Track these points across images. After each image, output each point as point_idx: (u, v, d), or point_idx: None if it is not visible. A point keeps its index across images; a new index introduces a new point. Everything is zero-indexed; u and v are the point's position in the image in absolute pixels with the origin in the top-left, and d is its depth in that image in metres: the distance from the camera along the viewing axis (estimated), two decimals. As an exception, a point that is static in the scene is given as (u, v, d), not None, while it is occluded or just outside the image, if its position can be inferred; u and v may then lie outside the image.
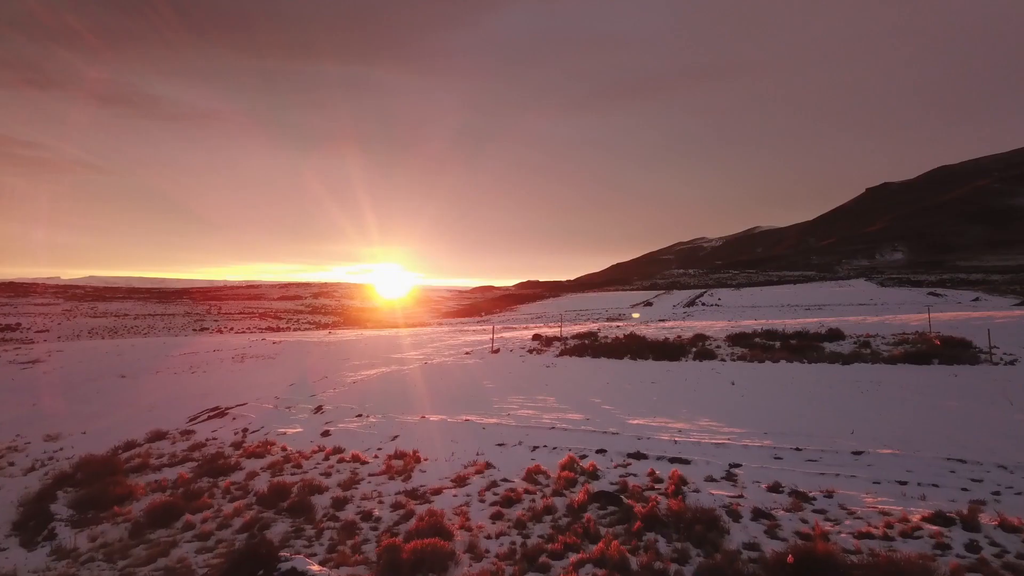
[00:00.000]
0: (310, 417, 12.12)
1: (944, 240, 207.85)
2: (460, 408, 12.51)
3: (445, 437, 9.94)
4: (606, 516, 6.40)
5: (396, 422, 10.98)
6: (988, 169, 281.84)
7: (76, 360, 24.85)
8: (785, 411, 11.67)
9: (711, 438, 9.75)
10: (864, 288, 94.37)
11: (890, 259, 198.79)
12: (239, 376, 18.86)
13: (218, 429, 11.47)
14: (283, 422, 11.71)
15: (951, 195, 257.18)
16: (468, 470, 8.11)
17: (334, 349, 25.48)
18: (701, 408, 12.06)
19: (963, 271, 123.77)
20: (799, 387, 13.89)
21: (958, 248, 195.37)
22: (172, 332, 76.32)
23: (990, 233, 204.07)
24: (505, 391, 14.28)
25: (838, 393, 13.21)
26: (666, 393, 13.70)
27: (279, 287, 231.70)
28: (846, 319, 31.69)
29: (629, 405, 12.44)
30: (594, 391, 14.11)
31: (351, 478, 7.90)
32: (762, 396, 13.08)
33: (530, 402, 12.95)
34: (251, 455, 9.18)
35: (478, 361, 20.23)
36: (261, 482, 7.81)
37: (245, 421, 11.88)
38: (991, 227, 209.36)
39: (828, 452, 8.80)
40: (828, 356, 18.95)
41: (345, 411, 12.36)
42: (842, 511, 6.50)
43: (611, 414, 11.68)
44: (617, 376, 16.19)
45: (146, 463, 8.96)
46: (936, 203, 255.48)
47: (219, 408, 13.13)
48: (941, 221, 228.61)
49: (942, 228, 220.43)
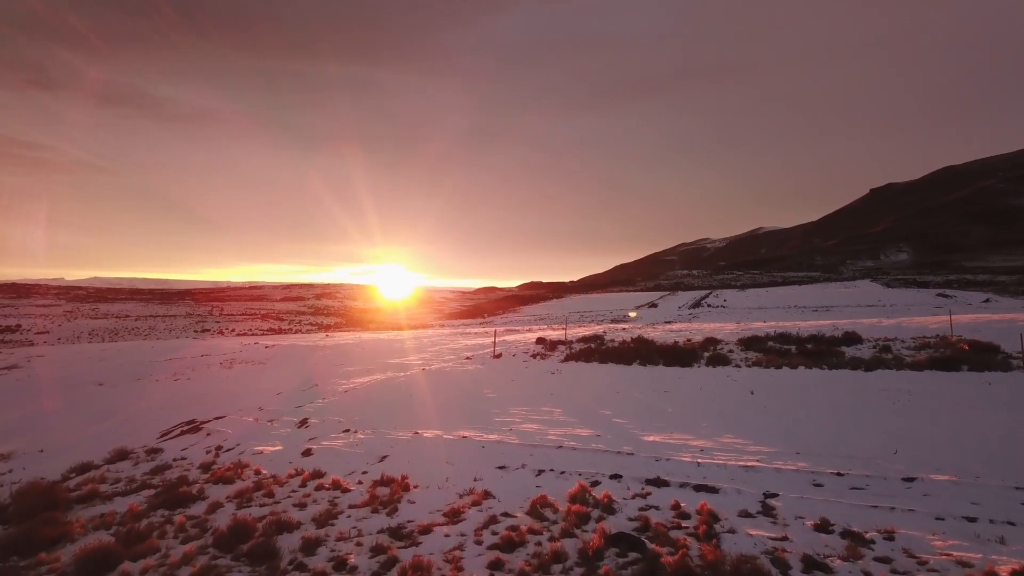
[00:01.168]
0: (293, 432, 11.05)
1: (949, 241, 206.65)
2: (458, 421, 11.47)
3: (439, 457, 8.87)
4: (627, 566, 5.32)
5: (386, 439, 9.91)
6: (993, 169, 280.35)
7: (56, 365, 23.82)
8: (813, 425, 10.59)
9: (738, 459, 8.67)
10: (870, 289, 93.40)
11: (895, 260, 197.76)
12: (225, 384, 17.82)
13: (189, 447, 10.40)
14: (262, 438, 10.63)
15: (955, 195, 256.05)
16: (464, 500, 7.04)
17: (329, 354, 24.45)
18: (721, 422, 10.99)
19: (969, 272, 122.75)
20: (823, 397, 12.81)
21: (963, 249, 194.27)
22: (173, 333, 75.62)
23: (995, 233, 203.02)
24: (507, 401, 13.23)
25: (867, 404, 12.12)
26: (681, 404, 12.63)
27: (282, 288, 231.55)
28: (859, 321, 30.61)
29: (642, 418, 11.38)
30: (603, 401, 13.04)
31: (328, 511, 6.82)
32: (785, 407, 12.00)
33: (534, 414, 11.89)
34: (219, 480, 8.11)
35: (479, 367, 19.18)
36: (224, 516, 6.74)
37: (221, 437, 10.80)
38: (996, 227, 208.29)
39: (875, 478, 7.71)
40: (849, 362, 17.83)
41: (332, 425, 11.31)
42: (910, 560, 5.41)
43: (623, 429, 10.62)
44: (627, 384, 15.12)
45: (96, 491, 7.83)
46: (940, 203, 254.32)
47: (195, 422, 12.07)
48: (945, 221, 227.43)
49: (947, 229, 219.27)
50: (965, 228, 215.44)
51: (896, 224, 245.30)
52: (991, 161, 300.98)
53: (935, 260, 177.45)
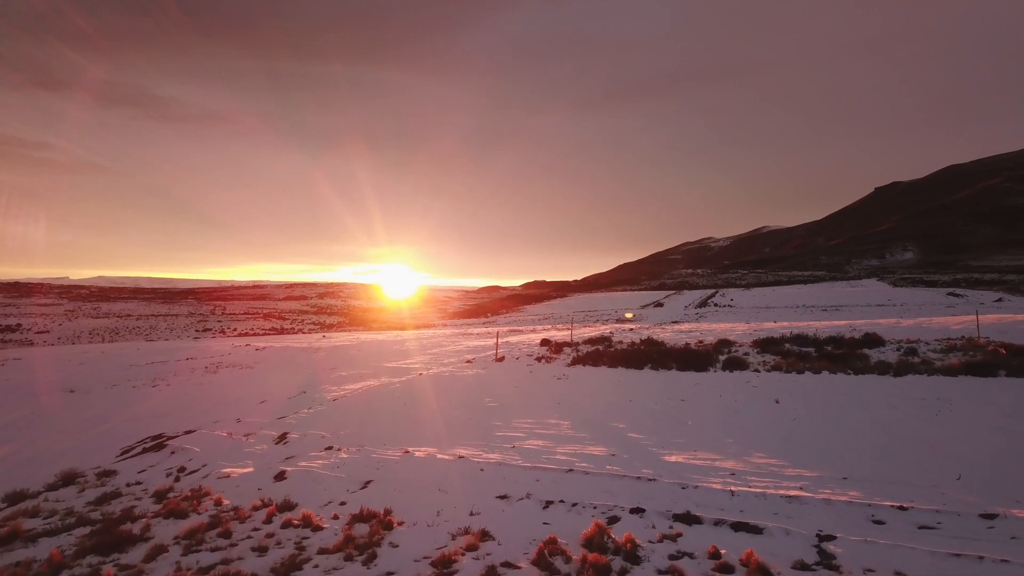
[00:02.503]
0: (269, 449, 9.84)
1: (954, 240, 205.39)
2: (455, 436, 10.28)
3: (431, 483, 7.67)
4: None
5: (372, 459, 8.71)
6: (998, 168, 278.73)
7: (30, 370, 22.65)
8: (853, 441, 9.37)
9: (777, 486, 7.45)
10: (877, 288, 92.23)
11: (900, 259, 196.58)
12: (206, 390, 16.63)
13: (148, 468, 9.19)
14: (234, 457, 9.44)
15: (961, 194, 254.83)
16: (457, 544, 5.85)
17: (323, 356, 23.26)
18: (749, 437, 9.78)
19: (976, 271, 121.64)
20: (857, 407, 11.57)
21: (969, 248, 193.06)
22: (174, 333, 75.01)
23: (1001, 233, 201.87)
24: (510, 412, 12.02)
25: (907, 415, 10.89)
26: (701, 415, 11.41)
27: (285, 287, 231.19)
28: (876, 321, 29.38)
29: (661, 432, 10.17)
30: (615, 412, 11.83)
31: (292, 558, 5.62)
32: (818, 419, 10.77)
33: (540, 427, 10.69)
34: (171, 513, 6.91)
35: (480, 372, 17.98)
36: (165, 565, 5.55)
37: (186, 456, 9.58)
38: (1002, 227, 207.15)
39: (946, 514, 6.48)
40: (875, 366, 16.58)
41: (314, 441, 10.12)
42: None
43: (641, 446, 9.41)
44: (640, 391, 13.91)
45: (17, 531, 6.49)
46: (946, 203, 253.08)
47: (162, 437, 10.87)
48: (951, 221, 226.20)
49: (952, 228, 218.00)
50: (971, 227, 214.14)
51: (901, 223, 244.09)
52: (997, 160, 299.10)
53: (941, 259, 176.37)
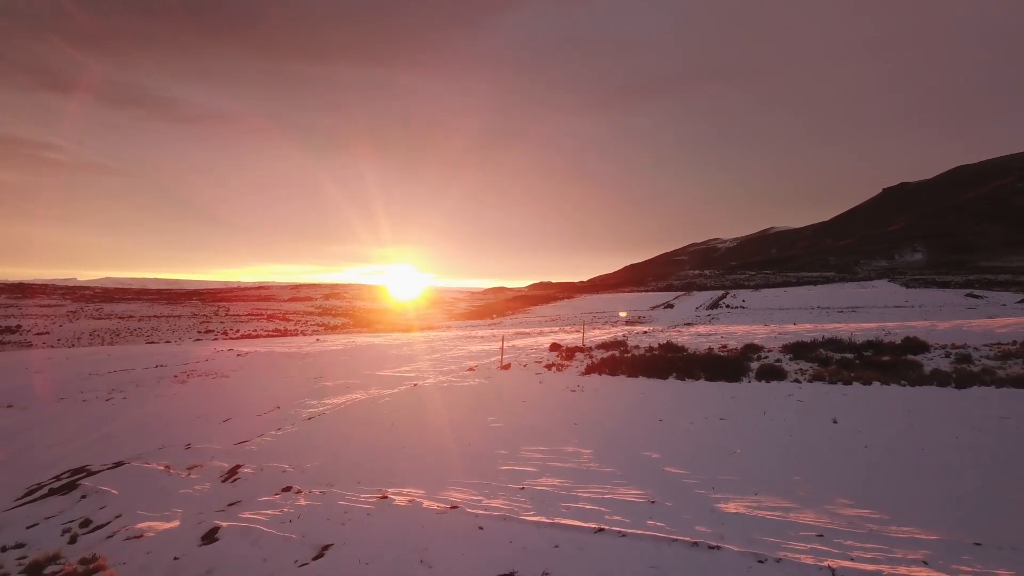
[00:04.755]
0: (211, 490, 7.76)
1: (965, 240, 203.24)
2: (448, 470, 8.20)
3: (412, 550, 5.56)
4: None
5: (338, 508, 6.61)
6: (1008, 168, 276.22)
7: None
8: (957, 482, 7.20)
9: (890, 558, 5.34)
10: (890, 289, 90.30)
11: (910, 260, 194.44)
12: (166, 405, 14.59)
13: (44, 521, 7.11)
14: (161, 502, 7.36)
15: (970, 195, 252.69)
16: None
17: (310, 363, 21.20)
18: (820, 473, 7.63)
19: (988, 272, 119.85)
20: (936, 429, 9.43)
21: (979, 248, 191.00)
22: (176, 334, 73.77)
23: (1012, 233, 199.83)
24: (517, 436, 9.94)
25: (996, 439, 8.76)
26: (750, 440, 9.29)
27: (290, 288, 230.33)
28: (909, 324, 27.29)
29: (705, 465, 8.06)
30: (644, 435, 9.74)
31: None
32: (897, 447, 8.63)
33: (555, 458, 8.60)
34: (34, 605, 4.92)
35: (483, 382, 15.89)
36: None
37: (99, 501, 7.49)
38: (1012, 227, 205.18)
39: None
40: (932, 376, 14.49)
41: (271, 477, 8.03)
42: None
43: (684, 486, 7.29)
44: (669, 407, 11.80)
45: None
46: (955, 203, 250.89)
47: (83, 471, 8.80)
48: (961, 221, 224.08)
49: (962, 228, 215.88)
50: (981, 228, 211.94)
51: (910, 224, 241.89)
52: (1006, 160, 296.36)
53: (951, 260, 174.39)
